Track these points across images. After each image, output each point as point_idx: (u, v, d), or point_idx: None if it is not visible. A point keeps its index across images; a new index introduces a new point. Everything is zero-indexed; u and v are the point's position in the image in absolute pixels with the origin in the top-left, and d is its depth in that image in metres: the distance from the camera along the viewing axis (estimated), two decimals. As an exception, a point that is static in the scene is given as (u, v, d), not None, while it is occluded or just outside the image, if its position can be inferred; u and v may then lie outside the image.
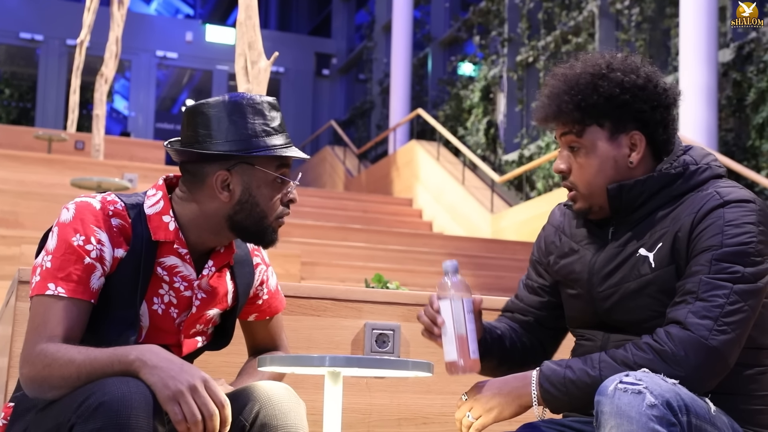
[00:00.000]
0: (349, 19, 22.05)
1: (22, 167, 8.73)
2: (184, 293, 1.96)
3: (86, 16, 11.05)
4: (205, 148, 1.90)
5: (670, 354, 1.79)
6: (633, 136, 1.98)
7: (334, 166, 16.84)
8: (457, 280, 1.98)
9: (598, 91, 1.95)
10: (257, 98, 1.95)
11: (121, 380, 1.68)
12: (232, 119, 1.91)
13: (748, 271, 1.84)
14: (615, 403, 1.68)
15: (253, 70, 4.49)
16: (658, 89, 1.99)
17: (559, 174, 2.04)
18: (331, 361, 1.90)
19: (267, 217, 1.95)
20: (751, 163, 9.38)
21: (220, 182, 1.92)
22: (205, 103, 1.94)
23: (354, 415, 2.60)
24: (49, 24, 19.25)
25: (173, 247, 1.94)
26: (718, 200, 1.89)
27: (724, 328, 1.80)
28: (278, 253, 7.14)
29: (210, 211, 1.94)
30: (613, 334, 1.99)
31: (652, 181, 1.96)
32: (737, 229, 1.86)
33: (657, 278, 1.91)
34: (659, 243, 1.92)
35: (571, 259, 2.07)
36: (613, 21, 12.12)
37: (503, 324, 2.18)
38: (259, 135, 1.92)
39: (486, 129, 14.25)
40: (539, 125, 2.08)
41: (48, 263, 1.84)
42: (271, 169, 1.93)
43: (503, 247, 9.39)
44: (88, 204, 1.88)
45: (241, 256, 2.07)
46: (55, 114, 19.16)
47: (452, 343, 1.95)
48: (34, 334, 1.81)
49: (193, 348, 2.02)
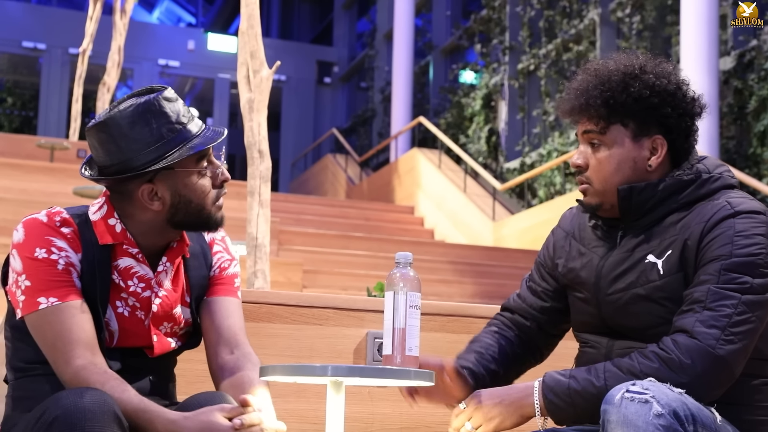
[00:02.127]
0: (351, 28, 22.07)
1: (25, 176, 8.73)
2: (143, 294, 1.97)
3: (89, 25, 11.07)
4: (120, 169, 1.89)
5: (676, 362, 1.79)
6: (655, 140, 1.98)
7: (336, 174, 16.85)
8: (406, 273, 1.96)
9: (628, 90, 1.95)
10: (151, 99, 1.91)
11: (74, 392, 1.70)
12: (135, 132, 1.89)
13: (757, 282, 1.83)
14: (622, 412, 1.68)
15: (255, 79, 4.50)
16: (687, 98, 1.99)
17: (575, 169, 2.03)
18: (334, 371, 1.90)
19: (204, 208, 1.96)
20: (752, 170, 9.38)
21: (147, 195, 1.92)
22: (102, 122, 1.90)
23: (356, 424, 2.60)
24: (51, 33, 19.29)
25: (124, 248, 1.95)
26: (728, 210, 1.89)
27: (731, 338, 1.80)
28: (280, 262, 7.14)
29: (148, 220, 1.95)
30: (618, 340, 1.98)
31: (664, 186, 1.96)
32: (747, 240, 1.86)
33: (665, 285, 1.91)
34: (669, 250, 1.92)
35: (579, 262, 2.07)
36: (614, 29, 12.13)
37: (495, 338, 2.14)
38: (166, 137, 1.90)
39: (487, 137, 14.25)
40: (563, 117, 2.07)
41: (26, 281, 1.86)
42: (192, 165, 1.94)
43: (505, 255, 9.38)
44: (35, 219, 1.91)
45: (196, 248, 2.07)
46: (57, 123, 19.17)
47: (390, 337, 1.94)
48: (55, 353, 1.84)
49: (167, 349, 2.01)
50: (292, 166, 20.90)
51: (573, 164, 2.03)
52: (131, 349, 1.97)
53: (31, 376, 1.92)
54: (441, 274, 8.46)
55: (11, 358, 1.96)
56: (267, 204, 4.42)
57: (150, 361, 2.00)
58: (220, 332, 2.03)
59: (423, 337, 2.16)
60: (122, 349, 1.96)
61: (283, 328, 2.60)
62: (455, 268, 8.74)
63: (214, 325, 2.04)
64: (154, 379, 2.00)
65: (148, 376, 1.98)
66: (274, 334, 2.58)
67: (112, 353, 1.93)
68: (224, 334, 2.03)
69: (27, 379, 1.93)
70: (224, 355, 2.01)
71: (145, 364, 1.99)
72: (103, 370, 1.83)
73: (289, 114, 21.35)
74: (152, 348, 1.98)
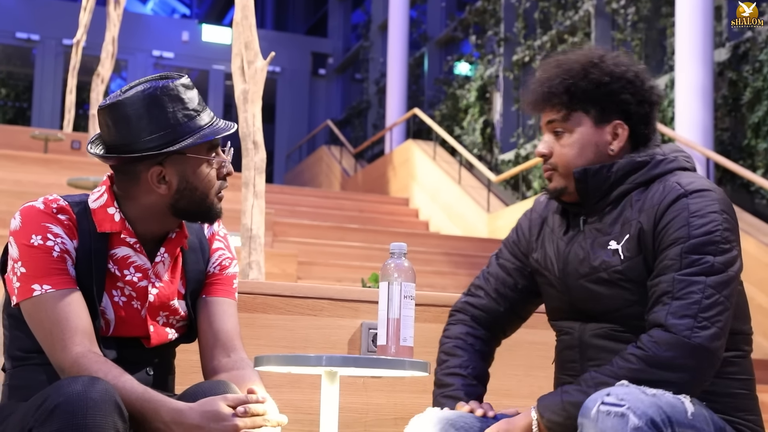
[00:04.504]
0: (346, 19, 22.03)
1: (19, 167, 8.72)
2: (140, 284, 1.97)
3: (82, 16, 11.03)
4: (131, 149, 1.90)
5: (657, 358, 1.82)
6: (616, 125, 2.04)
7: (331, 165, 16.83)
8: (401, 264, 1.96)
9: (588, 77, 2.02)
10: (170, 84, 1.93)
11: (76, 380, 1.69)
12: (151, 114, 1.90)
13: (718, 260, 1.87)
14: (599, 427, 1.70)
15: (250, 70, 4.49)
16: (645, 85, 2.05)
17: (540, 158, 2.09)
18: (328, 361, 1.91)
19: (208, 197, 1.97)
20: (747, 162, 9.39)
21: (155, 177, 1.93)
22: (119, 102, 1.91)
23: (351, 414, 2.61)
24: (45, 24, 19.22)
25: (122, 237, 1.95)
26: (679, 190, 1.93)
27: (705, 324, 1.82)
28: (275, 253, 7.15)
29: (151, 203, 1.96)
30: (589, 323, 2.02)
31: (618, 167, 2.01)
32: (702, 219, 1.89)
33: (626, 269, 1.95)
34: (626, 234, 1.96)
35: (549, 248, 2.11)
36: (609, 20, 12.13)
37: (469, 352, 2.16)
38: (182, 122, 1.92)
39: (482, 128, 14.24)
40: (528, 111, 2.14)
41: (21, 268, 1.87)
42: (203, 153, 1.95)
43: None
44: (32, 207, 1.91)
45: (194, 242, 2.07)
46: (51, 114, 19.12)
47: (384, 327, 1.94)
48: (52, 339, 1.84)
49: (164, 339, 2.01)
50: (286, 158, 20.88)
51: (538, 153, 2.09)
52: (128, 340, 1.97)
53: (27, 365, 1.93)
54: (435, 265, 8.47)
55: (8, 347, 1.96)
56: (261, 195, 4.41)
57: (148, 352, 2.00)
58: (217, 336, 2.03)
59: (417, 327, 2.17)
60: (118, 339, 1.96)
61: (278, 318, 2.60)
62: (450, 260, 8.75)
63: (212, 327, 2.04)
64: (153, 370, 2.00)
65: (146, 368, 1.99)
66: (268, 325, 2.59)
67: (108, 342, 1.93)
68: (221, 338, 2.03)
69: (23, 368, 1.93)
70: (220, 358, 2.02)
71: (143, 355, 1.99)
72: (103, 359, 1.83)
73: (283, 105, 21.31)
74: (149, 338, 1.98)
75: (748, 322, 2.00)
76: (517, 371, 2.70)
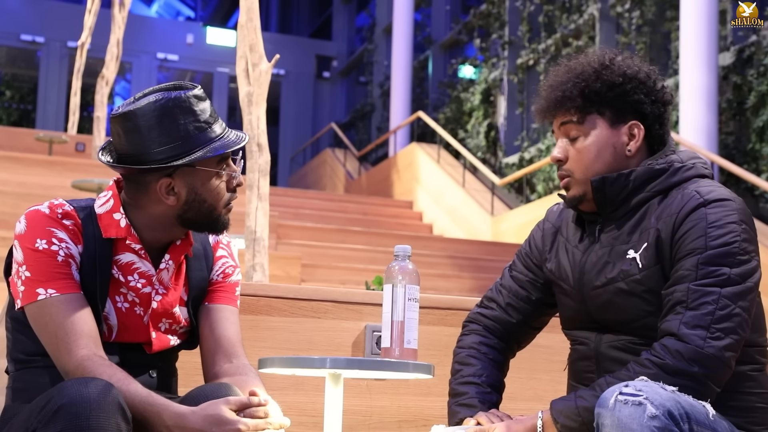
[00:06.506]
0: (350, 22, 22.04)
1: (23, 169, 8.73)
2: (144, 290, 1.97)
3: (87, 19, 11.05)
4: (141, 160, 1.90)
5: (671, 366, 1.81)
6: (632, 125, 2.02)
7: (335, 168, 16.84)
8: (405, 266, 1.96)
9: (601, 78, 2.01)
10: (182, 95, 1.92)
11: (80, 381, 1.70)
12: (162, 125, 1.89)
13: (735, 272, 1.85)
14: (616, 416, 1.69)
15: (254, 73, 4.50)
16: (657, 86, 2.04)
17: (555, 163, 2.07)
18: (332, 363, 1.91)
19: (216, 209, 1.97)
20: (751, 166, 9.38)
21: (164, 189, 1.93)
22: (131, 111, 1.91)
23: (354, 417, 2.60)
24: (50, 26, 19.25)
25: (127, 243, 1.95)
26: (698, 200, 1.91)
27: (718, 335, 1.81)
28: (278, 256, 7.15)
29: (158, 213, 1.95)
30: (606, 334, 2.00)
31: (636, 175, 1.99)
32: (720, 230, 1.87)
33: (644, 278, 1.93)
34: (644, 243, 1.94)
35: (564, 258, 2.09)
36: (613, 24, 12.12)
37: (483, 362, 2.14)
38: (192, 135, 1.91)
39: (486, 132, 14.24)
40: (539, 117, 2.11)
41: (26, 272, 1.87)
42: (213, 166, 1.95)
43: (503, 250, 9.38)
44: (37, 211, 1.91)
45: (198, 249, 2.07)
46: (55, 116, 19.15)
47: (388, 329, 1.94)
48: (56, 343, 1.84)
49: (166, 345, 2.01)
50: (290, 161, 20.88)
51: (553, 158, 2.06)
52: (130, 345, 1.98)
53: (31, 368, 1.93)
54: (439, 268, 8.46)
55: (11, 350, 1.96)
56: (266, 197, 4.42)
57: (151, 356, 2.00)
58: (219, 342, 2.03)
59: (421, 330, 2.16)
60: (121, 344, 1.96)
61: (282, 321, 2.60)
62: (453, 263, 8.75)
63: (213, 334, 2.04)
64: (155, 373, 2.00)
65: (148, 371, 1.99)
66: (272, 327, 2.59)
67: (111, 347, 1.93)
68: (223, 345, 2.03)
69: (27, 371, 1.93)
70: (222, 364, 2.02)
71: (145, 358, 1.99)
72: (108, 363, 1.83)
73: (288, 108, 21.32)
74: (151, 344, 1.98)
75: (763, 334, 1.98)
76: (520, 374, 2.70)
